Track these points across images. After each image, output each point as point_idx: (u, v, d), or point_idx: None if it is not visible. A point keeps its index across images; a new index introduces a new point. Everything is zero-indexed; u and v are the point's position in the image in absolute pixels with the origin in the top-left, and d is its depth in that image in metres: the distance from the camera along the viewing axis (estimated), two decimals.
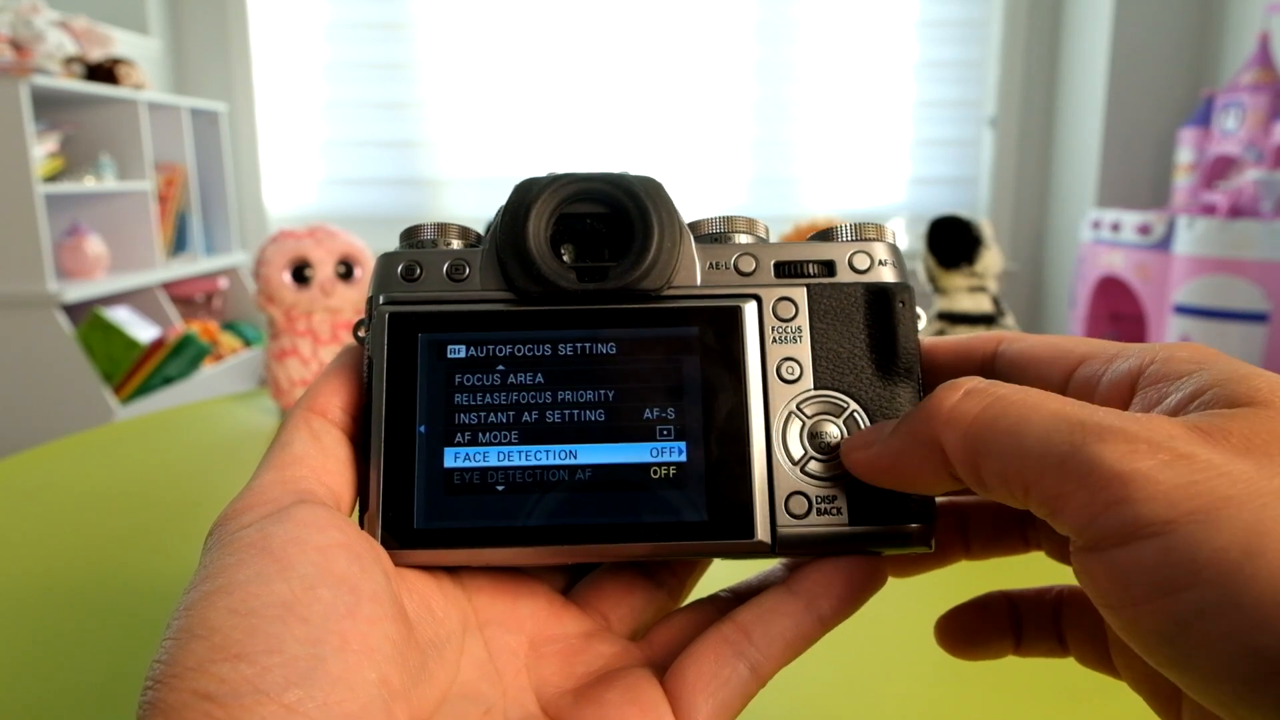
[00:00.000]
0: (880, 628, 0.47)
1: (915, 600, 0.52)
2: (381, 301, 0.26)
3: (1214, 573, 0.17)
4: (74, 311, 2.20)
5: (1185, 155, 2.44)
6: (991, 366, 0.26)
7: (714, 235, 0.27)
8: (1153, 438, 0.18)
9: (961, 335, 0.27)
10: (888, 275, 0.26)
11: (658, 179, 0.26)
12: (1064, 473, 0.19)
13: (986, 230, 1.14)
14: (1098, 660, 0.26)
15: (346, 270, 0.88)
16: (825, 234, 0.27)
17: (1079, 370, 0.23)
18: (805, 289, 0.26)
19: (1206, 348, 0.22)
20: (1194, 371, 0.21)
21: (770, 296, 0.26)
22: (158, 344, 2.24)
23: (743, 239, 0.27)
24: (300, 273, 0.87)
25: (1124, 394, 0.22)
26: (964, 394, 0.21)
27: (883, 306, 0.26)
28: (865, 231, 0.27)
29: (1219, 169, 2.35)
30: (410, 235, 0.27)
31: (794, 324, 0.26)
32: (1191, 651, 0.17)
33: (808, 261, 0.26)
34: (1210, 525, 0.17)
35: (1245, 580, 0.16)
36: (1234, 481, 0.17)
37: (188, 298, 2.71)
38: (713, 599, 0.27)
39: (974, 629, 0.28)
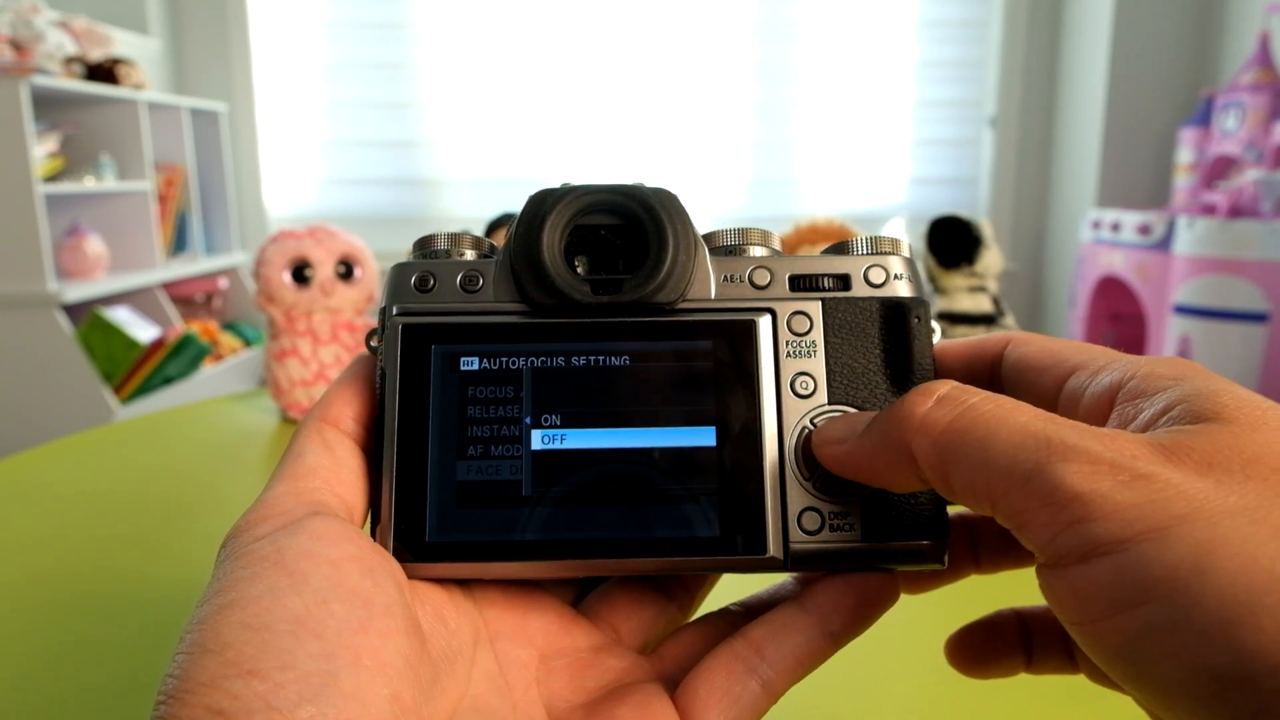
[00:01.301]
0: (887, 635, 0.47)
1: (922, 608, 0.52)
2: (395, 312, 0.25)
3: (1165, 590, 0.17)
4: (74, 311, 2.20)
5: (1185, 155, 2.44)
6: (998, 369, 0.26)
7: (729, 248, 0.27)
8: (1115, 458, 0.18)
9: (971, 338, 0.27)
10: (903, 290, 0.26)
11: (673, 190, 0.26)
12: (1028, 491, 0.19)
13: (986, 230, 1.15)
14: (1105, 677, 0.26)
15: (346, 270, 0.88)
16: (840, 247, 0.27)
17: (1069, 380, 0.23)
18: (820, 303, 0.26)
19: (1188, 362, 0.22)
20: (1169, 387, 0.21)
21: (785, 310, 0.26)
22: (158, 344, 2.24)
23: (757, 252, 0.27)
24: (300, 273, 0.87)
25: (1104, 407, 0.22)
26: (936, 401, 0.21)
27: (898, 321, 0.26)
28: (881, 245, 0.27)
29: (1219, 169, 2.36)
30: (423, 245, 0.27)
31: (808, 338, 0.26)
32: (1147, 668, 0.17)
33: (823, 275, 0.26)
34: (1163, 543, 0.17)
35: (1194, 598, 0.16)
36: (1189, 500, 0.17)
37: (188, 298, 2.71)
38: (723, 613, 0.27)
39: (984, 648, 0.28)
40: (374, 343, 0.26)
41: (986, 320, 1.12)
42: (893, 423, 0.22)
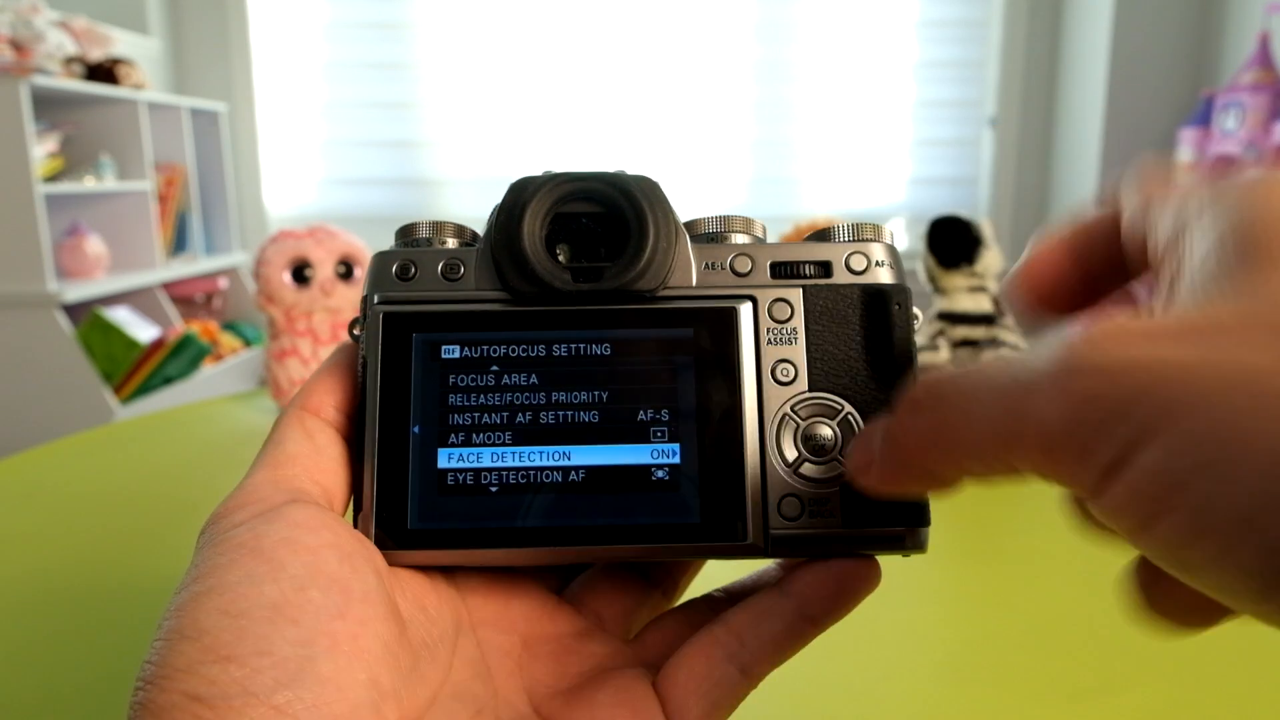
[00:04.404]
0: (873, 627, 0.47)
1: (909, 600, 0.52)
2: (376, 301, 0.25)
3: (1180, 497, 0.15)
4: (74, 311, 2.20)
5: (1185, 155, 2.44)
6: (1116, 246, 0.22)
7: (710, 235, 0.27)
8: (1078, 364, 0.16)
9: (1087, 216, 0.23)
10: (884, 276, 0.26)
11: (654, 178, 0.26)
12: (1027, 446, 0.17)
13: (986, 230, 1.14)
14: None
15: (346, 270, 0.88)
16: (822, 234, 0.27)
17: (1149, 234, 0.20)
18: (801, 290, 0.26)
19: (1250, 178, 0.18)
20: (1219, 210, 0.18)
21: (766, 297, 0.26)
22: (158, 344, 2.24)
23: (739, 239, 0.27)
24: (300, 273, 0.87)
25: (1170, 257, 0.19)
26: (917, 411, 0.20)
27: (879, 308, 0.26)
28: (863, 232, 0.27)
29: (1219, 169, 2.35)
30: (405, 234, 0.27)
31: (789, 325, 0.26)
32: (1198, 576, 0.16)
33: (804, 262, 0.26)
34: (1159, 445, 0.15)
35: (1208, 499, 0.15)
36: (1171, 383, 0.15)
37: (188, 298, 2.71)
38: (705, 599, 0.27)
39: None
40: (356, 331, 0.26)
41: (987, 320, 1.12)
42: (898, 446, 0.21)
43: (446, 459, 0.24)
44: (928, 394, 0.20)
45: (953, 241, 1.12)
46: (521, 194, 0.25)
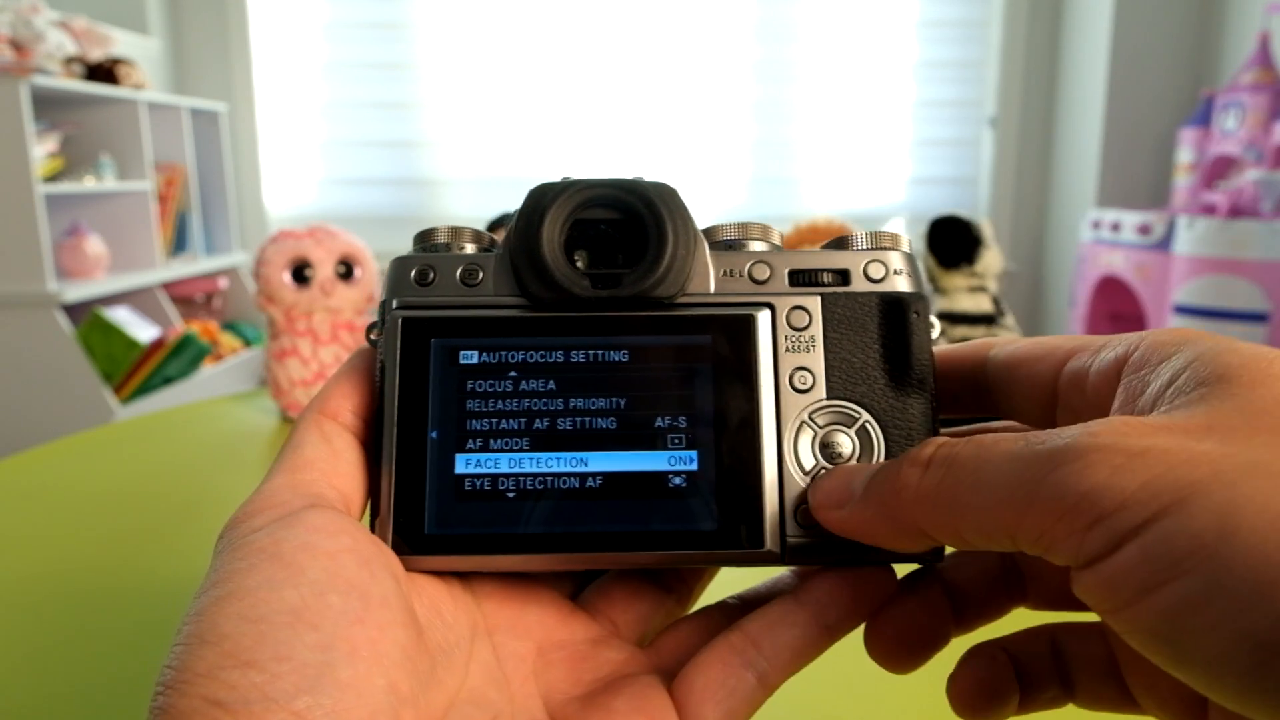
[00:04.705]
0: None
1: None
2: (395, 306, 0.25)
3: (1194, 561, 0.16)
4: (74, 311, 2.20)
5: (1185, 155, 2.44)
6: (983, 373, 0.26)
7: (728, 242, 0.27)
8: (1104, 444, 0.18)
9: (950, 346, 0.27)
10: (902, 285, 0.26)
11: (672, 185, 0.26)
12: (1036, 512, 0.18)
13: (986, 230, 1.14)
14: (1114, 696, 0.25)
15: (346, 270, 0.88)
16: (840, 242, 0.27)
17: (1069, 364, 0.23)
18: (819, 298, 0.26)
19: (1192, 330, 0.21)
20: (1173, 355, 0.20)
21: (784, 305, 0.26)
22: (158, 344, 2.24)
23: (757, 246, 0.27)
24: (300, 273, 0.87)
25: (1111, 384, 0.22)
26: (926, 468, 0.21)
27: (897, 317, 0.26)
28: (880, 240, 0.27)
29: (1219, 169, 2.36)
30: (424, 239, 0.27)
31: (807, 333, 0.26)
32: (1187, 645, 0.17)
33: (822, 270, 0.26)
34: (1183, 514, 0.16)
35: (1225, 564, 0.16)
36: (1197, 465, 0.17)
37: (188, 298, 2.71)
38: (720, 606, 0.27)
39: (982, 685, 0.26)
40: (374, 336, 0.26)
41: (986, 320, 1.12)
42: (891, 496, 0.22)
43: (464, 464, 0.24)
44: (940, 455, 0.21)
45: (952, 241, 1.12)
46: (541, 200, 0.25)
